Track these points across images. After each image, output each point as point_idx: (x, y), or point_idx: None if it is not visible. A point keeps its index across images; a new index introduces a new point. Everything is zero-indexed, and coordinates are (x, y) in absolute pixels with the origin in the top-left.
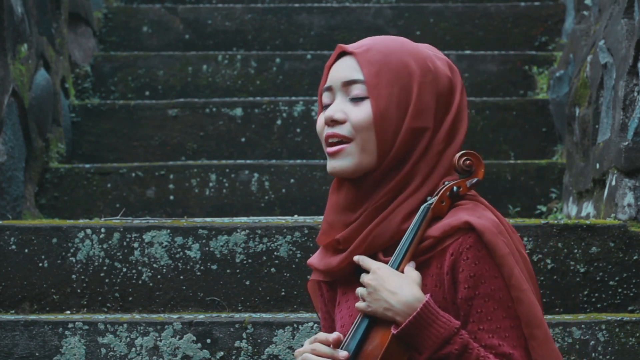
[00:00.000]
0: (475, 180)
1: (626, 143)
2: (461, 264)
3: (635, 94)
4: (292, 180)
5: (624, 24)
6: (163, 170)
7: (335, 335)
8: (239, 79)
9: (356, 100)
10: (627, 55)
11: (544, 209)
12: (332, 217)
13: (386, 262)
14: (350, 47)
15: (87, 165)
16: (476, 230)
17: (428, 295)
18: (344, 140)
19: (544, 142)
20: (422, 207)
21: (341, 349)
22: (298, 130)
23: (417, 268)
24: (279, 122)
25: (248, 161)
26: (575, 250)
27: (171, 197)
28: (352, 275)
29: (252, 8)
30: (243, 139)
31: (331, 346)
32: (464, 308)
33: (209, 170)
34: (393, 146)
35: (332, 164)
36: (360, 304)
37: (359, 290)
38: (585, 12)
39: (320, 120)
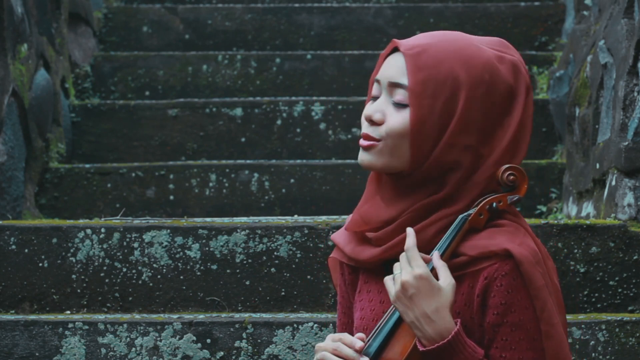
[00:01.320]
0: (516, 197)
1: (626, 143)
2: (494, 290)
3: (635, 94)
4: (292, 180)
5: (624, 24)
6: (163, 170)
7: (361, 343)
8: (239, 79)
9: (398, 105)
10: (627, 55)
11: (544, 209)
12: (368, 210)
13: None
14: (403, 45)
15: (87, 165)
16: (515, 258)
17: (458, 322)
18: (376, 141)
19: (544, 142)
20: (460, 217)
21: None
22: (298, 130)
23: None
24: (279, 122)
25: (248, 161)
26: (575, 250)
27: (171, 197)
28: (378, 266)
29: (252, 8)
30: (243, 139)
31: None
32: (489, 333)
33: (209, 170)
34: (428, 158)
35: (362, 157)
36: (391, 290)
37: (389, 285)
38: (585, 12)
39: (365, 111)
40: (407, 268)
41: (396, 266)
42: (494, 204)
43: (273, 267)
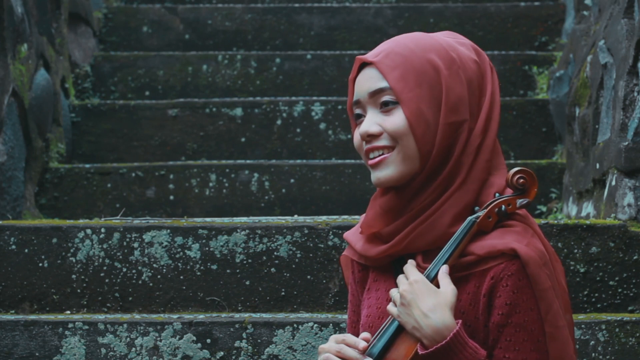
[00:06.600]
0: (526, 201)
1: (626, 143)
2: (500, 290)
3: (635, 94)
4: (292, 180)
5: (624, 24)
6: (163, 170)
7: (364, 344)
8: (239, 79)
9: (386, 109)
10: (627, 55)
11: (544, 209)
12: (374, 221)
13: (424, 269)
14: (368, 56)
15: (87, 165)
16: (521, 259)
17: (459, 322)
18: (385, 150)
19: (544, 142)
20: (469, 219)
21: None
22: (298, 130)
23: (455, 282)
24: (279, 122)
25: (248, 161)
26: (575, 250)
27: (171, 197)
28: (387, 265)
29: (252, 8)
30: (243, 139)
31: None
32: (494, 333)
33: (209, 170)
34: (434, 146)
35: (376, 175)
36: (392, 309)
37: (393, 294)
38: (585, 12)
39: (357, 136)
40: (403, 280)
41: (393, 291)
42: (503, 207)
43: (273, 267)
